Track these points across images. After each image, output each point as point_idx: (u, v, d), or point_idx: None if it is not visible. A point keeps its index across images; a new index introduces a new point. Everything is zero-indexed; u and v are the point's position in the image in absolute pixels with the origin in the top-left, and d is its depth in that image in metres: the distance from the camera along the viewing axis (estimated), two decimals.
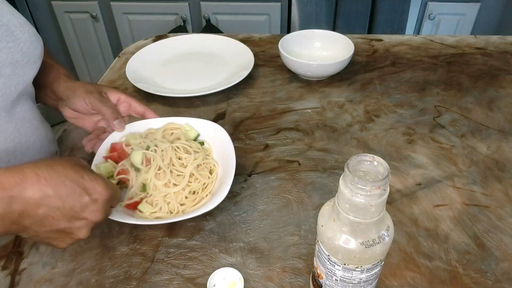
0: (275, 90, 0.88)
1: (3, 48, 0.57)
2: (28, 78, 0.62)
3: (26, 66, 0.61)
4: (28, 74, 0.62)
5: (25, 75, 0.61)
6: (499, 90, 0.86)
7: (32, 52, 0.62)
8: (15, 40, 0.60)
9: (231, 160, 0.61)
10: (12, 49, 0.59)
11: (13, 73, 0.59)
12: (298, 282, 0.52)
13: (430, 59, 0.97)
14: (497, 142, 0.73)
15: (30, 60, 0.62)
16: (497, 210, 0.61)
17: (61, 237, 0.48)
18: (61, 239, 0.48)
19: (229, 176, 0.58)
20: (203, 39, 1.04)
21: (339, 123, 0.78)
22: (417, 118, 0.79)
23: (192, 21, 1.92)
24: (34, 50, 0.63)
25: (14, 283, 0.53)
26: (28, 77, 0.62)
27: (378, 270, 0.42)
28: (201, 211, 0.55)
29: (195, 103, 0.85)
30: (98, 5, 1.91)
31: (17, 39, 0.60)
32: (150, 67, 0.95)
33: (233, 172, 0.59)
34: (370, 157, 0.38)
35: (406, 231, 0.58)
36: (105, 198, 0.49)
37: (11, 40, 0.59)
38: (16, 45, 0.60)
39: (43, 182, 0.44)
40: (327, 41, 0.97)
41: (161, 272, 0.54)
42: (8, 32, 0.59)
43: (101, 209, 0.49)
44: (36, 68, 0.64)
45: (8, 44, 0.58)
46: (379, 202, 0.37)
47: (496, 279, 0.52)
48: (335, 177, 0.67)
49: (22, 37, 0.61)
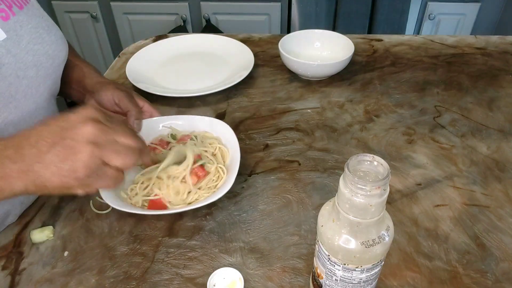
0: (275, 90, 0.88)
1: (30, 50, 0.58)
2: (50, 80, 0.63)
3: (50, 68, 0.62)
4: (51, 77, 0.63)
5: (48, 77, 0.62)
6: (499, 90, 0.86)
7: (57, 55, 0.63)
8: (42, 43, 0.60)
9: (236, 152, 0.64)
10: (38, 52, 0.59)
11: (36, 75, 0.59)
12: (298, 282, 0.52)
13: (430, 59, 0.97)
14: (497, 142, 0.73)
15: (54, 63, 0.62)
16: (497, 210, 0.61)
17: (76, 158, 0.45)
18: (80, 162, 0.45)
19: (234, 165, 0.61)
20: (203, 39, 1.04)
21: (339, 123, 0.78)
22: (417, 118, 0.79)
23: (192, 21, 1.92)
24: (59, 53, 0.63)
25: (14, 283, 0.53)
26: (51, 79, 0.63)
27: (378, 270, 0.42)
28: (213, 198, 0.57)
29: (195, 103, 0.85)
30: (98, 5, 1.91)
31: (44, 41, 0.60)
32: (150, 67, 0.95)
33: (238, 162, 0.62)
34: (370, 157, 0.38)
35: (406, 231, 0.58)
36: (91, 112, 0.47)
37: (38, 42, 0.59)
38: (42, 48, 0.60)
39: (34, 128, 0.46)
40: (327, 41, 0.97)
41: (161, 272, 0.54)
42: (36, 35, 0.59)
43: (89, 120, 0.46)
44: (59, 70, 0.65)
45: (35, 47, 0.59)
46: (379, 202, 0.37)
47: (496, 279, 0.52)
48: (335, 177, 0.67)
49: (49, 40, 0.61)
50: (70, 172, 0.45)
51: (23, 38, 0.57)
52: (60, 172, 0.45)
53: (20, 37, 0.57)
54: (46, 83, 0.62)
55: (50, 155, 0.45)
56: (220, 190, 0.59)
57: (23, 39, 0.57)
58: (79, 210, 0.62)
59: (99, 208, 0.62)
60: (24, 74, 0.57)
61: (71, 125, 0.46)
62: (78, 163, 0.45)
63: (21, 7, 0.59)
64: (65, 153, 0.45)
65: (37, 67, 0.59)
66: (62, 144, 0.45)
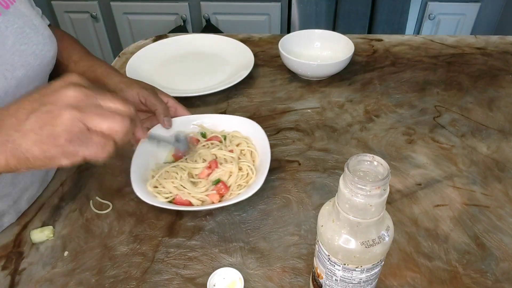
0: (275, 90, 0.88)
1: (16, 51, 0.57)
2: (39, 80, 0.62)
3: (39, 68, 0.61)
4: (40, 76, 0.62)
5: (37, 77, 0.61)
6: (499, 90, 0.86)
7: (44, 55, 0.62)
8: (28, 43, 0.59)
9: (266, 151, 0.64)
10: (25, 52, 0.59)
11: (25, 75, 0.58)
12: (298, 282, 0.52)
13: (430, 59, 0.97)
14: (497, 142, 0.73)
15: (42, 63, 0.62)
16: (497, 210, 0.61)
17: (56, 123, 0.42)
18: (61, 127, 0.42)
19: (265, 165, 0.62)
20: (203, 39, 1.04)
21: (339, 123, 0.78)
22: (417, 118, 0.79)
23: (192, 21, 1.92)
24: (47, 53, 0.63)
25: (14, 283, 0.53)
26: (39, 79, 0.62)
27: (378, 270, 0.42)
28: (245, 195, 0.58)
29: (195, 103, 0.85)
30: (98, 5, 1.91)
31: (30, 41, 0.60)
32: (150, 67, 0.95)
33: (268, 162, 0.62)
34: (370, 157, 0.38)
35: (406, 231, 0.58)
36: (74, 78, 0.44)
37: (24, 42, 0.59)
38: (29, 48, 0.59)
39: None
40: (327, 41, 0.97)
41: (161, 272, 0.54)
42: (23, 35, 0.59)
43: (71, 84, 0.43)
44: (49, 70, 0.64)
45: (21, 47, 0.58)
46: (379, 202, 0.37)
47: (496, 279, 0.52)
48: (335, 177, 0.67)
49: (36, 40, 0.61)
50: (51, 139, 0.41)
51: (8, 38, 0.57)
52: (40, 139, 0.41)
53: (6, 38, 0.56)
54: (35, 83, 0.61)
55: (29, 122, 0.42)
56: (251, 188, 0.59)
57: (9, 40, 0.57)
58: (79, 210, 0.62)
59: (99, 208, 0.62)
60: (12, 75, 0.56)
61: (51, 91, 0.43)
62: (58, 128, 0.41)
63: (7, 6, 0.58)
64: (44, 119, 0.42)
65: (25, 67, 0.58)
66: (42, 110, 0.42)
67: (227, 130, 0.71)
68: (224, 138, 0.69)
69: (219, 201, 0.60)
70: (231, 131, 0.70)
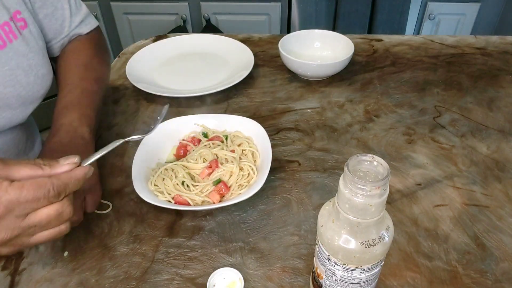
0: (275, 90, 0.88)
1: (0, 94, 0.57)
2: (16, 118, 0.61)
3: (18, 108, 0.60)
4: (17, 114, 0.61)
5: (14, 116, 0.60)
6: (499, 90, 0.86)
7: (30, 96, 0.61)
8: (15, 85, 0.59)
9: (267, 151, 0.64)
10: (8, 94, 0.58)
11: (4, 117, 0.59)
12: (298, 282, 0.52)
13: (430, 59, 0.97)
14: (497, 142, 0.73)
15: (25, 102, 0.61)
16: (497, 210, 0.61)
17: None
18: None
19: (266, 165, 0.62)
20: (203, 39, 1.04)
21: (339, 123, 0.78)
22: (417, 118, 0.79)
23: (192, 21, 1.92)
24: (34, 93, 0.62)
25: (14, 283, 0.53)
26: (17, 116, 0.61)
27: (378, 270, 0.42)
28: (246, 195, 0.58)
29: (195, 103, 0.85)
30: (98, 5, 1.91)
31: (18, 83, 0.59)
32: (150, 67, 0.95)
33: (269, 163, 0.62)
34: (370, 157, 0.38)
35: (406, 231, 0.58)
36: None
37: (10, 85, 0.58)
38: (14, 90, 0.59)
39: None
40: (327, 41, 0.97)
41: (161, 272, 0.54)
42: (11, 77, 0.58)
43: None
44: (31, 108, 0.63)
45: (6, 90, 0.58)
46: (379, 202, 0.37)
47: (496, 279, 0.52)
48: (335, 177, 0.67)
49: (25, 81, 0.60)
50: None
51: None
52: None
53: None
54: (12, 120, 0.60)
55: None
56: (251, 188, 0.59)
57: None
58: None
59: (99, 208, 0.62)
60: None
61: None
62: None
63: (3, 46, 0.57)
64: None
65: (3, 108, 0.58)
66: None
67: (229, 130, 0.71)
68: (225, 138, 0.69)
69: (220, 201, 0.60)
70: (233, 131, 0.70)
